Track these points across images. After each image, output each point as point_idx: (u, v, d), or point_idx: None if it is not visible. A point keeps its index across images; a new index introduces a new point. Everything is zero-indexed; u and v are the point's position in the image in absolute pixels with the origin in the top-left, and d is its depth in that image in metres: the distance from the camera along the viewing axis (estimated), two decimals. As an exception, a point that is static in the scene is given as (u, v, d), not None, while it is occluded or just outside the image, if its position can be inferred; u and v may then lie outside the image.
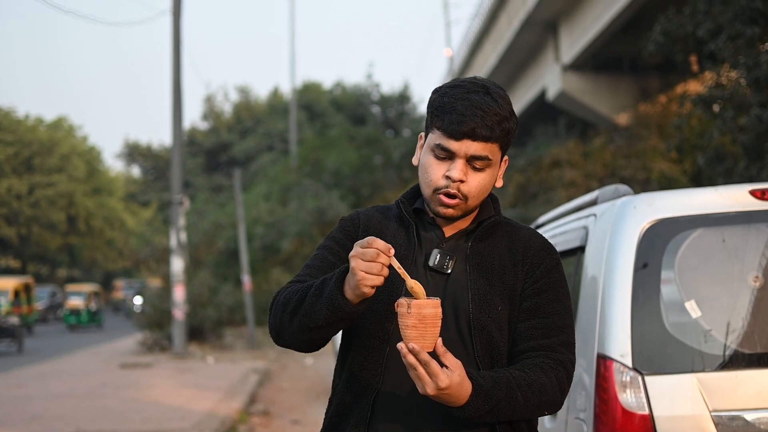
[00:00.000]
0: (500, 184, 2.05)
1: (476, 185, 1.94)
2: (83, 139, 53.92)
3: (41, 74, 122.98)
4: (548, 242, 2.06)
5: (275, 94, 54.27)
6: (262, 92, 71.02)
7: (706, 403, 2.73)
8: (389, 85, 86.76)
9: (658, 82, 21.58)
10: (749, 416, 2.72)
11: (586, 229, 3.36)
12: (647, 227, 2.96)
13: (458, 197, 1.94)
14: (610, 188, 3.37)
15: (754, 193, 3.00)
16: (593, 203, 3.48)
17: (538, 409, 1.89)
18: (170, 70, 18.27)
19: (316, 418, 9.35)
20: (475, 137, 1.90)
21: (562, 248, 3.57)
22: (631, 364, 2.80)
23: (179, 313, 17.39)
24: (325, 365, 15.06)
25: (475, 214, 2.03)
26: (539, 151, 22.16)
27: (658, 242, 2.93)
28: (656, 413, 2.75)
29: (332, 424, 2.02)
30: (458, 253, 1.99)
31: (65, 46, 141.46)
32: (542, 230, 4.24)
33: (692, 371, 2.78)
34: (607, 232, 3.08)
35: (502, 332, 1.94)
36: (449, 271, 1.97)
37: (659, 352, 2.82)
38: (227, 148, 50.60)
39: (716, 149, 9.56)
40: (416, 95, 50.27)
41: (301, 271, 2.06)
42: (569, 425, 3.12)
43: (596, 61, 22.62)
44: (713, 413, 2.72)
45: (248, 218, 26.11)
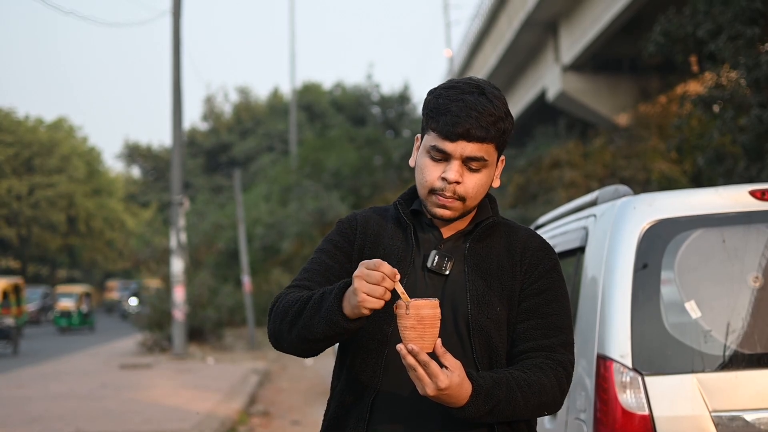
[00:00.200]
0: (497, 184, 2.05)
1: (472, 186, 1.94)
2: (83, 139, 53.95)
3: (41, 75, 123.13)
4: (546, 242, 2.05)
5: (275, 94, 54.27)
6: (262, 93, 70.98)
7: (706, 403, 2.73)
8: (389, 85, 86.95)
9: (658, 82, 21.56)
10: (749, 417, 2.72)
11: (586, 229, 3.35)
12: (647, 228, 2.96)
13: (454, 198, 1.94)
14: (609, 189, 3.37)
15: (753, 193, 3.00)
16: (593, 204, 3.48)
17: (537, 409, 1.89)
18: (170, 70, 18.26)
19: (316, 418, 9.34)
20: (470, 138, 1.90)
21: (562, 249, 3.57)
22: (631, 364, 2.80)
23: (179, 313, 17.38)
24: (325, 366, 15.04)
25: (472, 214, 2.03)
26: (539, 151, 22.15)
27: (658, 243, 2.93)
28: (656, 414, 2.75)
29: (331, 425, 2.02)
30: (456, 254, 1.99)
31: (65, 47, 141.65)
32: (542, 231, 4.24)
33: (692, 372, 2.78)
34: (607, 232, 3.07)
35: (500, 333, 1.94)
36: (447, 272, 1.96)
37: (659, 352, 2.82)
38: (227, 148, 50.61)
39: (716, 150, 9.56)
40: (416, 96, 50.12)
41: (298, 275, 2.05)
42: (569, 426, 3.12)
43: (596, 61, 22.61)
44: (713, 414, 2.72)
45: (248, 219, 26.10)
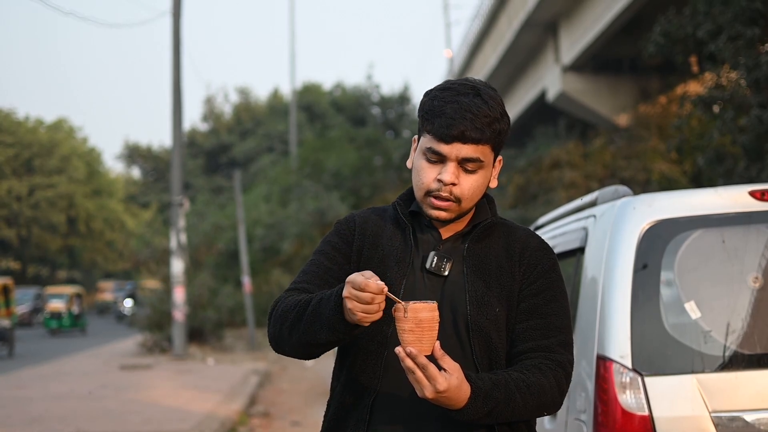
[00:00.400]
0: (494, 184, 2.04)
1: (469, 187, 1.94)
2: (83, 140, 53.96)
3: (41, 76, 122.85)
4: (545, 242, 2.05)
5: (275, 95, 54.28)
6: (262, 93, 70.82)
7: (705, 404, 2.73)
8: (389, 86, 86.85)
9: (658, 83, 21.55)
10: (749, 417, 2.72)
11: (585, 230, 3.35)
12: (647, 228, 2.95)
13: (450, 200, 1.94)
14: (609, 189, 3.37)
15: (753, 194, 3.00)
16: (593, 204, 3.48)
17: (537, 410, 1.89)
18: (170, 71, 18.25)
19: (316, 419, 9.34)
20: (465, 140, 1.90)
21: (561, 249, 3.56)
22: (630, 365, 2.79)
23: (179, 314, 17.37)
24: (325, 367, 15.03)
25: (471, 215, 2.03)
26: (539, 152, 22.14)
27: (657, 243, 2.93)
28: (656, 414, 2.74)
29: (331, 426, 2.02)
30: (455, 255, 1.99)
31: (65, 47, 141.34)
32: (542, 231, 4.23)
33: (692, 372, 2.77)
34: (606, 233, 3.07)
35: (500, 334, 1.94)
36: (446, 273, 1.96)
37: (659, 353, 2.81)
38: (227, 149, 50.62)
39: (716, 150, 9.55)
40: (416, 96, 50.09)
41: (297, 277, 2.05)
42: (569, 426, 3.11)
43: (596, 62, 22.60)
44: (713, 414, 2.72)
45: (248, 219, 26.09)
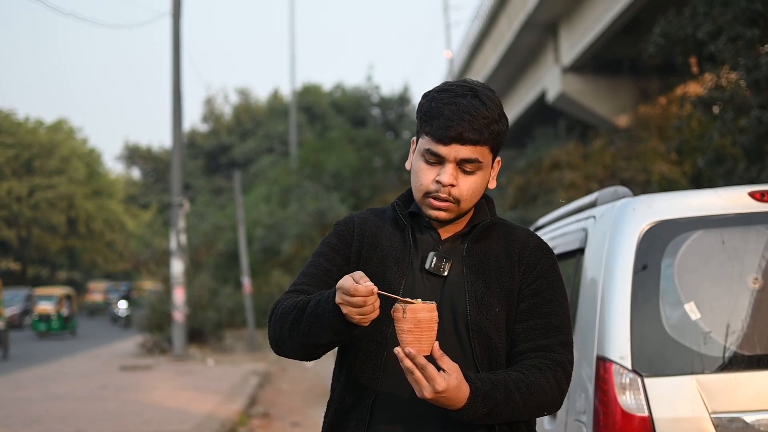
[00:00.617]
0: (493, 185, 2.05)
1: (467, 188, 1.95)
2: (83, 141, 53.89)
3: (41, 76, 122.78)
4: (544, 242, 2.06)
5: (275, 96, 54.26)
6: (262, 94, 70.89)
7: (705, 404, 2.73)
8: (389, 87, 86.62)
9: (658, 83, 21.55)
10: (749, 418, 2.71)
11: (585, 231, 3.35)
12: (647, 229, 2.95)
13: (449, 201, 1.94)
14: (609, 190, 3.37)
15: (753, 194, 3.00)
16: (593, 205, 3.48)
17: (536, 410, 1.89)
18: (170, 72, 18.24)
19: (316, 420, 9.34)
20: (463, 141, 1.91)
21: (561, 250, 3.56)
22: (630, 365, 2.79)
23: (179, 315, 17.37)
24: (325, 368, 15.03)
25: (470, 216, 2.03)
26: (539, 152, 22.13)
27: (657, 244, 2.93)
28: (656, 415, 2.74)
29: (331, 426, 2.02)
30: (454, 255, 1.99)
31: (65, 48, 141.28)
32: (542, 232, 4.23)
33: (692, 373, 2.77)
34: (606, 233, 3.07)
35: (500, 334, 1.94)
36: (446, 273, 1.97)
37: (659, 353, 2.81)
38: (227, 150, 50.60)
39: (716, 151, 9.55)
40: (416, 97, 50.08)
41: (297, 279, 2.06)
42: (569, 427, 3.11)
43: (596, 62, 22.60)
44: (713, 415, 2.72)
45: (248, 220, 26.08)
